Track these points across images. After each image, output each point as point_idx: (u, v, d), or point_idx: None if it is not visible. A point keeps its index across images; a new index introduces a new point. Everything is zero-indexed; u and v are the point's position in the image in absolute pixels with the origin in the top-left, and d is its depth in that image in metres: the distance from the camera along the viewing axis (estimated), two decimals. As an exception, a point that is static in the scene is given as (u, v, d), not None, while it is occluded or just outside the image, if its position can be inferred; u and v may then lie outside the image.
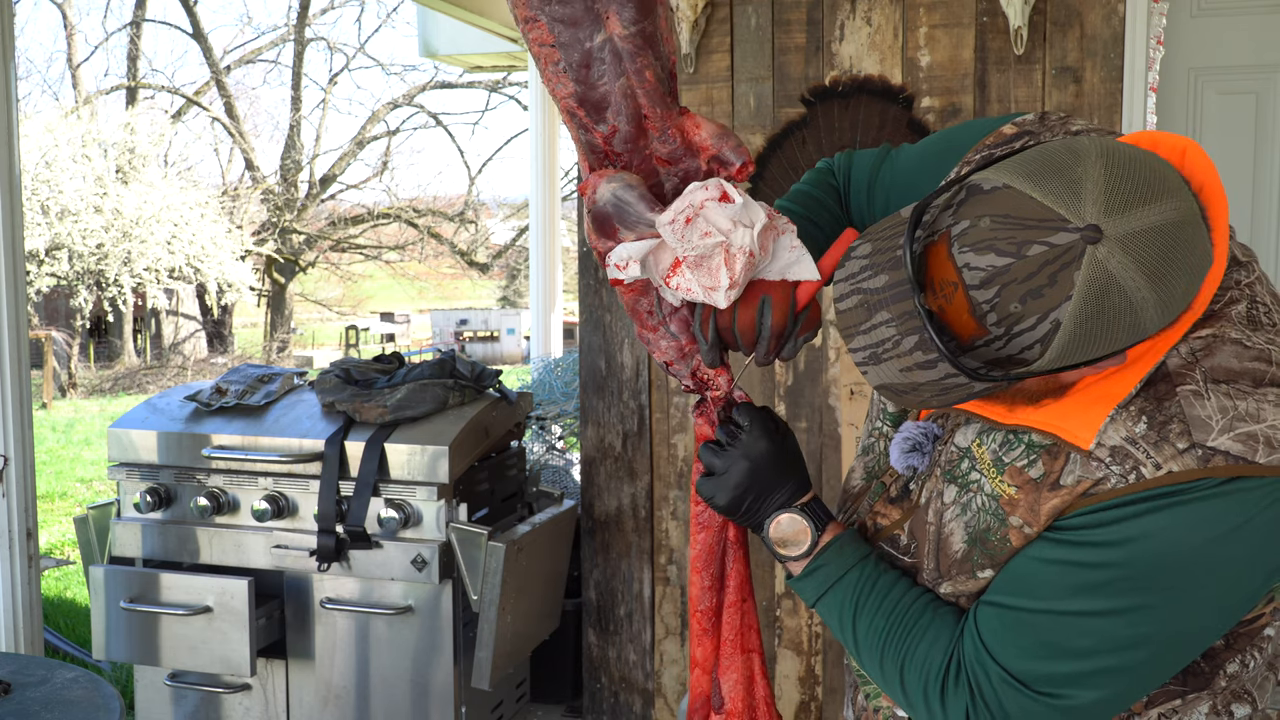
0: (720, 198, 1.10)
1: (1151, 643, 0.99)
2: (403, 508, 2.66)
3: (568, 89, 1.18)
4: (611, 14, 1.14)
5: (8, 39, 2.81)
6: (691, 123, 1.18)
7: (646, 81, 1.15)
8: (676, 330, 1.21)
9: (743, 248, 1.11)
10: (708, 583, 1.30)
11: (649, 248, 1.13)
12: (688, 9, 2.86)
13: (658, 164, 1.18)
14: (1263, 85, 2.98)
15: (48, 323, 16.84)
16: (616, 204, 1.14)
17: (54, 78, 30.17)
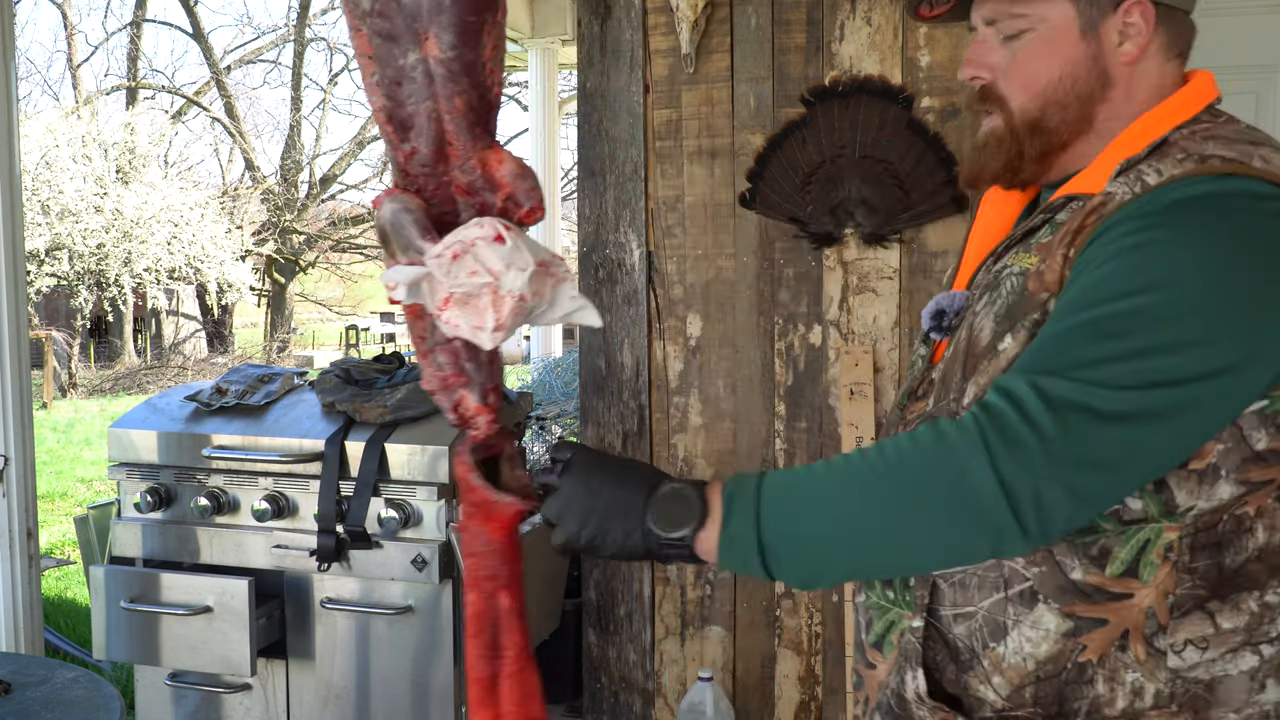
0: (494, 238, 1.08)
1: (1183, 343, 0.94)
2: (403, 508, 2.66)
3: (379, 103, 1.16)
4: (431, 36, 1.12)
5: (8, 39, 2.81)
6: (495, 157, 1.15)
7: (455, 108, 1.13)
8: (444, 362, 1.17)
9: (512, 291, 1.08)
10: (480, 651, 1.17)
11: (419, 275, 1.10)
12: (688, 9, 2.86)
13: (456, 192, 1.16)
14: (1263, 85, 2.98)
15: (48, 323, 16.83)
16: (394, 224, 1.13)
17: (54, 78, 30.18)
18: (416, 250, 1.11)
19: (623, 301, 3.05)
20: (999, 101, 1.16)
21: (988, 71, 1.17)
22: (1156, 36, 1.11)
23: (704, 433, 3.02)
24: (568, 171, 14.27)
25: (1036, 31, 1.12)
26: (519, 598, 1.16)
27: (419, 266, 1.10)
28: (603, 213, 3.06)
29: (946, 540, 0.96)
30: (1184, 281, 0.95)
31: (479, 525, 1.14)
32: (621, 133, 3.02)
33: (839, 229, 2.85)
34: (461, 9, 1.11)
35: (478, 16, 1.12)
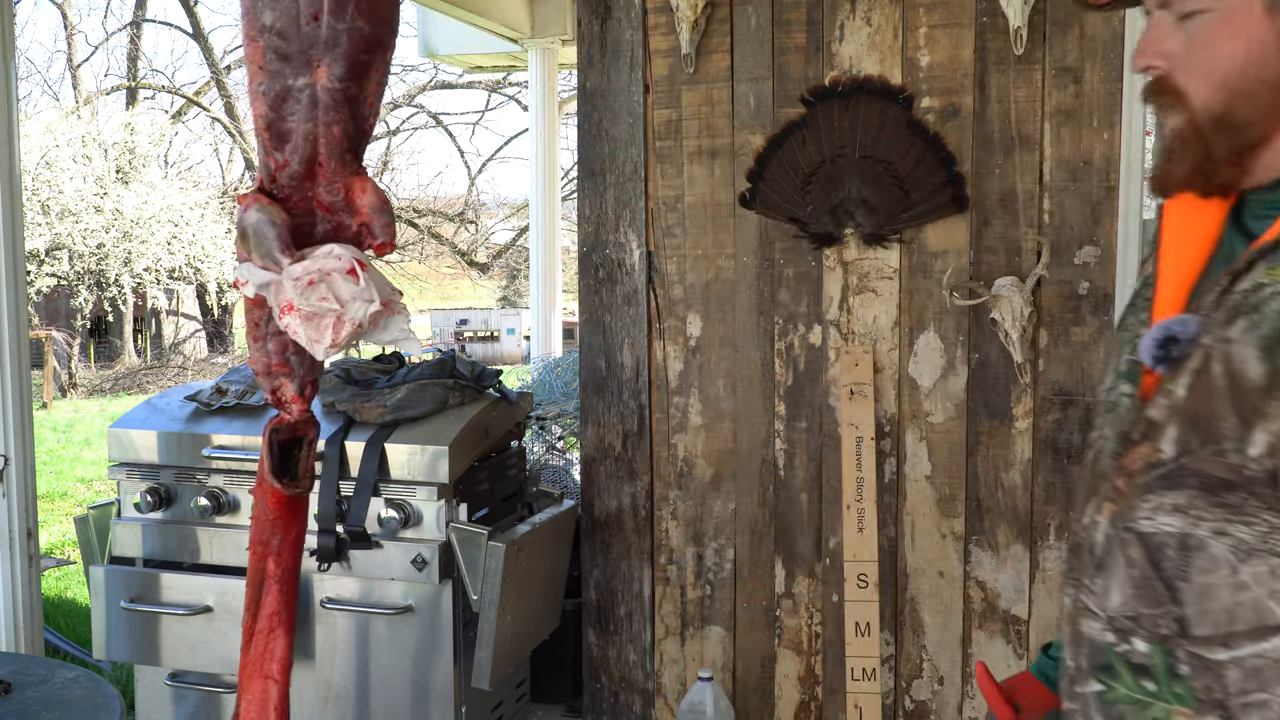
0: (348, 270, 1.21)
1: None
2: (403, 508, 2.66)
3: (261, 111, 1.26)
4: (324, 65, 1.21)
5: (8, 39, 2.81)
6: (360, 185, 1.28)
7: (332, 135, 1.23)
8: (273, 350, 1.33)
9: (354, 320, 1.21)
10: (247, 604, 1.39)
11: (270, 280, 1.24)
12: (688, 9, 2.86)
13: (318, 206, 1.27)
14: (1262, 85, 2.98)
15: (48, 323, 16.84)
16: (256, 232, 1.25)
17: (54, 78, 30.18)
18: (274, 261, 1.24)
19: (623, 301, 3.05)
20: (1177, 95, 1.03)
21: (1162, 60, 1.03)
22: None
23: (704, 433, 3.02)
24: (568, 171, 14.26)
25: (1214, 12, 0.99)
26: (284, 566, 1.34)
27: (271, 273, 1.23)
28: (603, 213, 3.06)
29: None
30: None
31: (261, 494, 1.32)
32: (621, 133, 3.02)
33: (839, 229, 2.85)
34: (356, 46, 1.20)
35: (370, 56, 1.21)
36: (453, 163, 51.39)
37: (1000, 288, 2.71)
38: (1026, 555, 2.79)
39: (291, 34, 1.19)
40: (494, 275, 24.94)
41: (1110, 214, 2.69)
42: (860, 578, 2.82)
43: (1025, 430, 2.77)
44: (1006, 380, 2.77)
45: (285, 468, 1.33)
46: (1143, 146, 2.70)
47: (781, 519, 2.97)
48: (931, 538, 2.86)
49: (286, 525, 1.34)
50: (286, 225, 1.25)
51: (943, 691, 2.88)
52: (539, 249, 5.49)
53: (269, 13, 1.20)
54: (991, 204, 2.76)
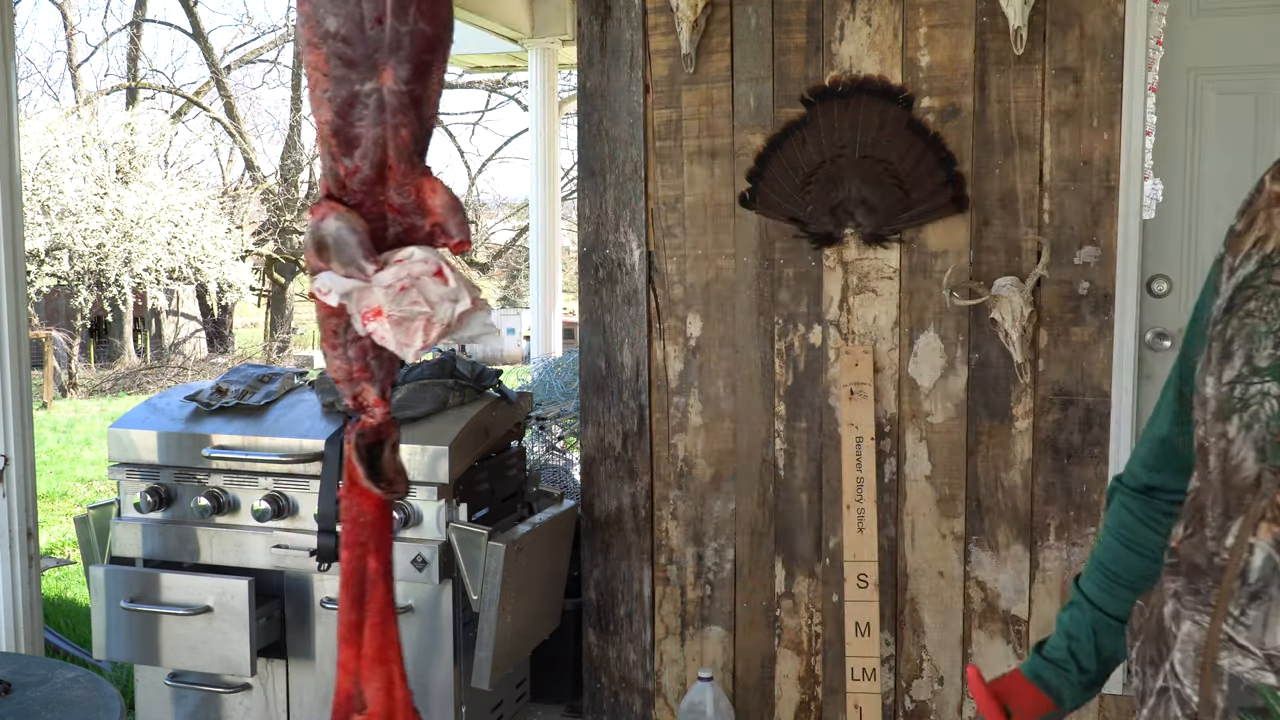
0: (436, 273, 1.25)
1: None
2: (403, 508, 2.66)
3: (327, 118, 1.29)
4: (389, 68, 1.24)
5: (8, 39, 2.81)
6: (430, 185, 1.32)
7: (401, 138, 1.27)
8: (353, 356, 1.36)
9: (443, 320, 1.24)
10: (348, 600, 1.42)
11: (354, 287, 1.28)
12: (688, 9, 2.86)
13: (389, 210, 1.31)
14: (1263, 85, 2.98)
15: (48, 323, 16.83)
16: (337, 240, 1.29)
17: (54, 78, 30.17)
18: (359, 269, 1.27)
19: (623, 301, 3.05)
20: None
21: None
22: None
23: (704, 433, 3.02)
24: (568, 171, 14.26)
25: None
26: (384, 561, 1.40)
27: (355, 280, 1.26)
28: (603, 213, 3.06)
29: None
30: None
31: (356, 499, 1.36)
32: (621, 133, 3.02)
33: (839, 229, 2.85)
34: (420, 48, 1.23)
35: (431, 55, 1.25)
36: (453, 162, 51.46)
37: (1000, 288, 2.71)
38: (1026, 555, 2.79)
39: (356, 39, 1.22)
40: (494, 275, 24.94)
41: (1110, 214, 2.69)
42: (860, 578, 2.82)
43: (1025, 430, 2.77)
44: (1006, 380, 2.77)
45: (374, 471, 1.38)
46: (1143, 146, 2.70)
47: (781, 519, 2.97)
48: (931, 538, 2.86)
49: (383, 525, 1.43)
50: (366, 232, 1.29)
51: (943, 691, 2.88)
52: (539, 249, 5.49)
53: (332, 19, 1.23)
54: (991, 204, 2.76)
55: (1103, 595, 1.22)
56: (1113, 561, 1.22)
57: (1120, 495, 1.23)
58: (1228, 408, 0.94)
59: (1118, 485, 1.24)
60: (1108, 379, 2.72)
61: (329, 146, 1.27)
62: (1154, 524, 1.19)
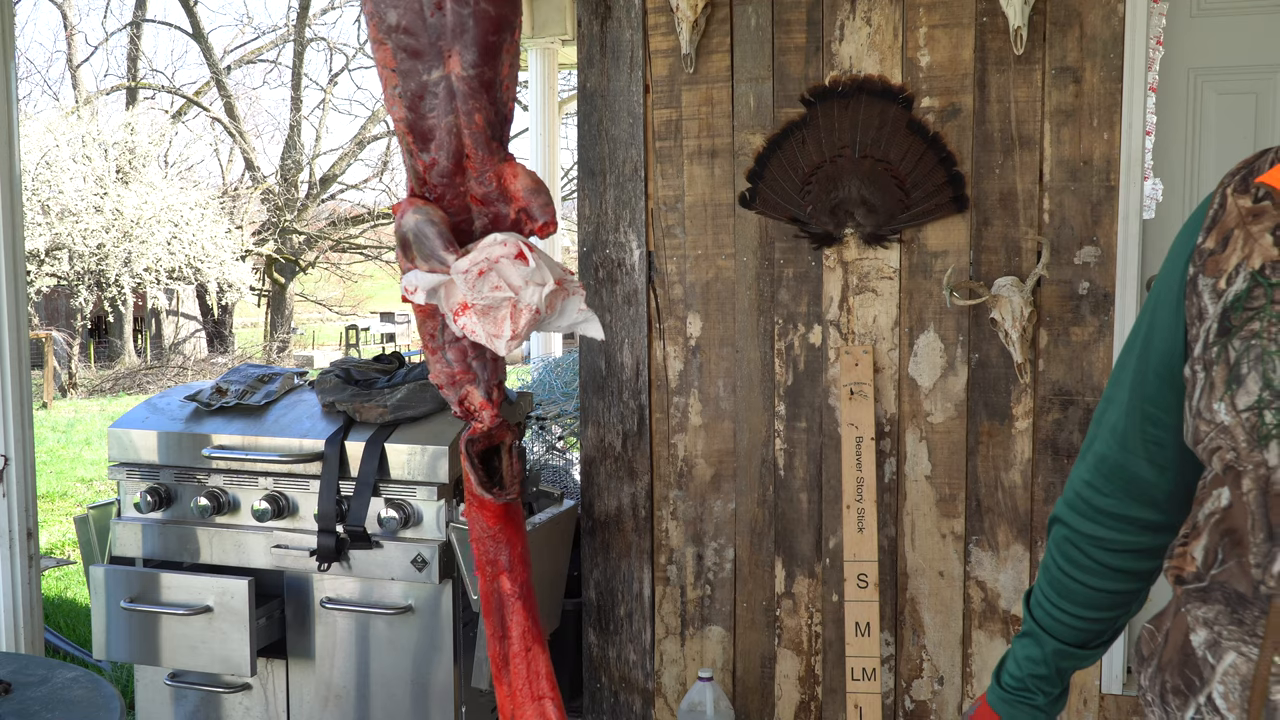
0: (516, 255, 1.16)
1: None
2: (403, 507, 2.66)
3: (400, 114, 1.22)
4: (455, 54, 1.17)
5: (8, 39, 2.81)
6: (510, 170, 1.23)
7: (475, 124, 1.19)
8: (452, 359, 1.26)
9: (530, 305, 1.17)
10: (492, 630, 1.27)
11: (439, 282, 1.19)
12: (688, 9, 2.86)
13: (471, 201, 1.22)
14: (1263, 85, 2.98)
15: (48, 323, 16.83)
16: (417, 235, 1.20)
17: (54, 78, 30.16)
18: (439, 261, 1.18)
19: (623, 301, 3.05)
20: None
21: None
22: None
23: (704, 433, 3.02)
24: (568, 171, 14.25)
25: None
26: (520, 581, 1.23)
27: (439, 274, 1.17)
28: (603, 213, 3.06)
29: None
30: None
31: (477, 513, 1.23)
32: (621, 133, 3.02)
33: (839, 229, 2.85)
34: (484, 29, 1.15)
35: (498, 36, 1.17)
36: (453, 163, 51.15)
37: (1000, 288, 2.71)
38: (1026, 555, 2.79)
39: (418, 29, 1.16)
40: (494, 275, 24.92)
41: (1110, 214, 2.69)
42: (860, 578, 2.82)
43: (1025, 430, 2.77)
44: (1006, 380, 2.77)
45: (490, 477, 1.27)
46: (1143, 146, 2.70)
47: (781, 519, 2.97)
48: (931, 538, 2.86)
49: (511, 538, 1.27)
50: (446, 223, 1.22)
51: (943, 691, 2.88)
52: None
53: (393, 12, 1.18)
54: (991, 204, 2.76)
55: (1058, 625, 1.21)
56: (1065, 593, 1.19)
57: (1062, 526, 1.19)
58: (1263, 434, 0.90)
59: (1059, 517, 1.20)
60: (1107, 379, 2.71)
61: (406, 143, 1.22)
62: (1109, 548, 1.16)
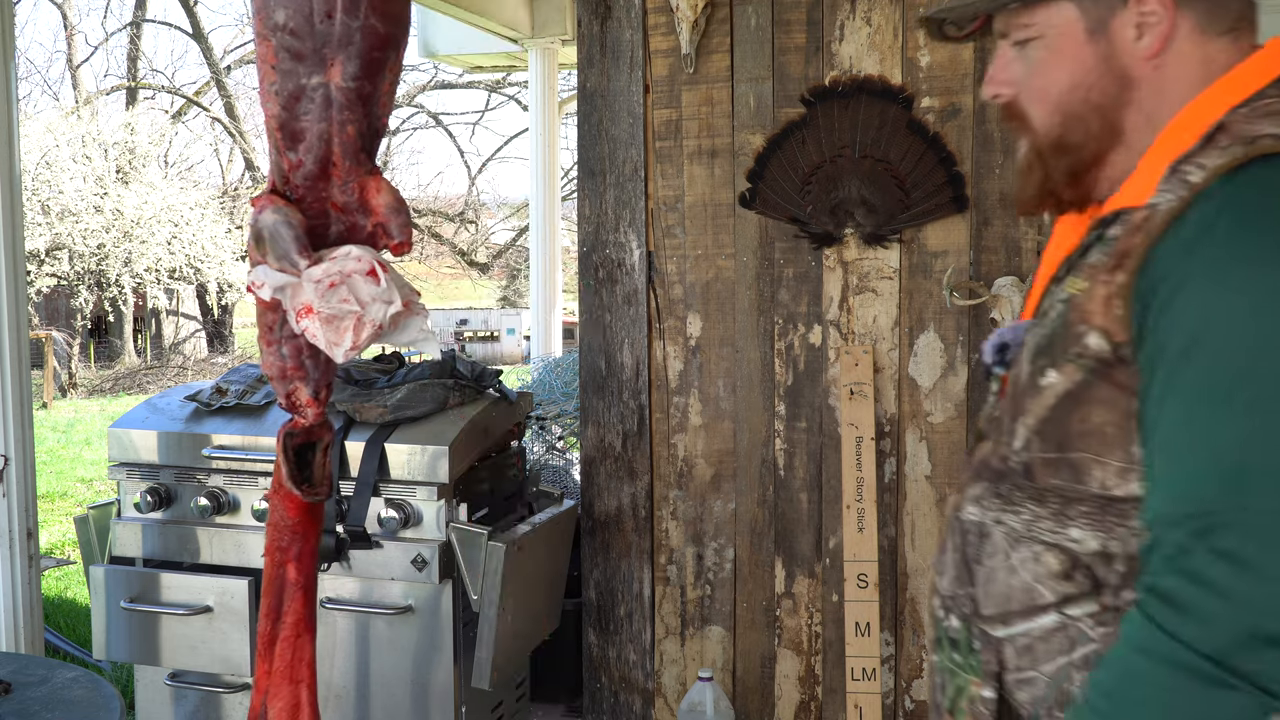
0: (368, 271, 1.21)
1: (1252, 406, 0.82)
2: (403, 507, 2.66)
3: (274, 111, 1.25)
4: (337, 64, 1.20)
5: (8, 39, 2.81)
6: (374, 185, 1.26)
7: (346, 134, 1.22)
8: (287, 354, 1.31)
9: (374, 321, 1.22)
10: (266, 611, 1.34)
11: (286, 282, 1.23)
12: (688, 9, 2.86)
13: (331, 207, 1.26)
14: (1262, 85, 2.98)
15: (48, 323, 16.83)
16: (273, 233, 1.24)
17: (54, 78, 30.16)
18: (291, 263, 1.22)
19: (623, 301, 3.06)
20: (1023, 119, 1.07)
21: (1008, 87, 1.07)
22: (1183, 20, 0.97)
23: (704, 432, 3.02)
24: (568, 171, 14.26)
25: (1044, 39, 1.02)
26: (306, 573, 1.30)
27: (287, 275, 1.21)
28: (603, 213, 3.06)
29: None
30: (1257, 364, 0.83)
31: (279, 501, 1.29)
32: (621, 133, 3.02)
33: (839, 229, 2.85)
34: (370, 44, 1.18)
35: (383, 53, 1.20)
36: (453, 163, 51.33)
37: (1000, 288, 2.71)
38: (1026, 555, 2.79)
39: (305, 32, 1.17)
40: (494, 275, 24.94)
41: (1110, 214, 2.69)
42: (860, 578, 2.82)
43: (1025, 430, 2.76)
44: (1006, 380, 2.77)
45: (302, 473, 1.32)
46: (1143, 146, 2.70)
47: (781, 519, 2.97)
48: (932, 538, 2.86)
49: (306, 532, 1.33)
50: (303, 226, 1.24)
51: (943, 691, 2.88)
52: (539, 249, 5.48)
53: (281, 11, 1.19)
54: (991, 204, 2.76)
55: None
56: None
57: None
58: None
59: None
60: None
61: (275, 140, 1.24)
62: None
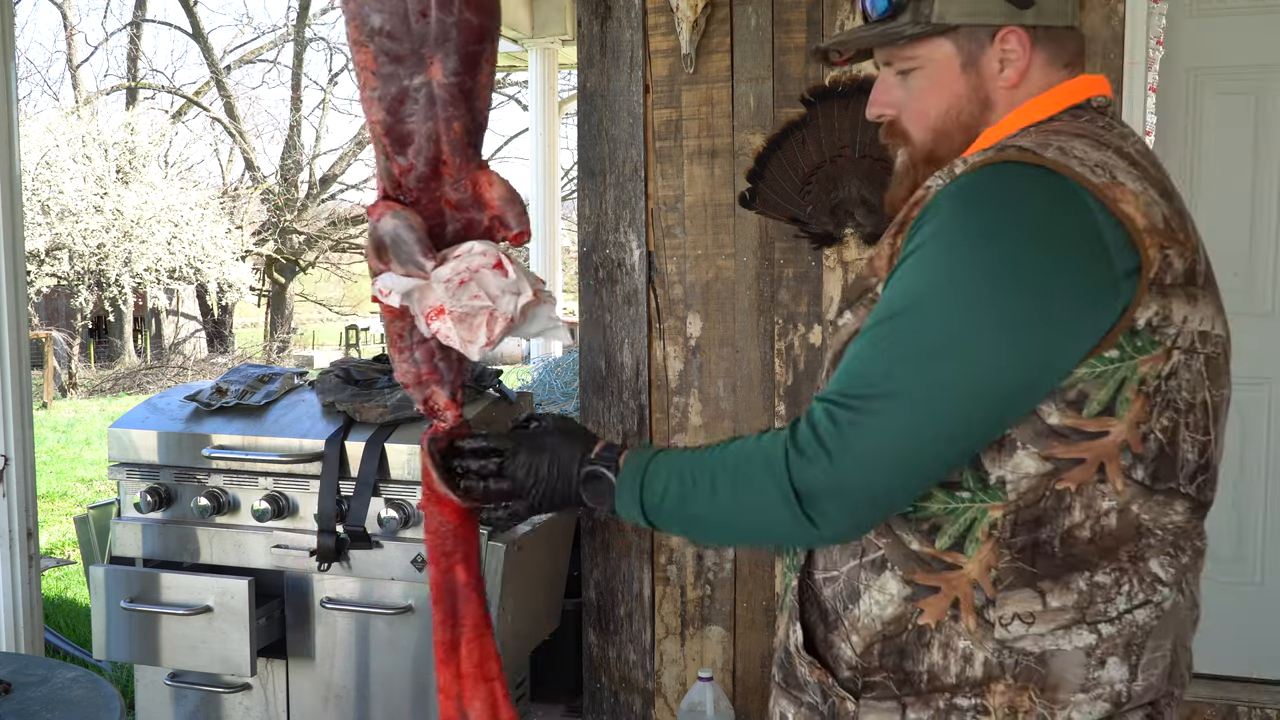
0: (495, 265, 1.20)
1: (937, 349, 1.03)
2: (403, 507, 2.66)
3: (378, 117, 1.24)
4: (437, 61, 1.20)
5: (8, 39, 2.81)
6: (486, 178, 1.26)
7: (454, 131, 1.21)
8: (420, 359, 1.30)
9: (505, 314, 1.22)
10: (441, 617, 1.33)
11: (414, 286, 1.24)
12: (688, 9, 2.86)
13: (446, 206, 1.26)
14: (1262, 85, 2.98)
15: (48, 323, 16.83)
16: (395, 238, 1.24)
17: (54, 78, 30.17)
18: (418, 266, 1.21)
19: (623, 301, 3.06)
20: (904, 136, 1.28)
21: (891, 109, 1.28)
22: (1037, 56, 1.17)
23: (704, 432, 3.02)
24: (568, 171, 14.26)
25: (925, 70, 1.21)
26: (474, 572, 1.29)
27: (415, 279, 1.21)
28: (603, 213, 3.06)
29: (767, 530, 1.12)
30: (939, 289, 1.04)
31: (435, 508, 1.27)
32: (621, 133, 3.02)
33: (839, 229, 2.85)
34: (466, 38, 1.18)
35: (479, 46, 1.20)
36: (453, 162, 51.13)
37: (1000, 288, 2.71)
38: (1026, 555, 2.79)
39: (402, 34, 1.18)
40: (494, 275, 24.91)
41: (1110, 214, 2.69)
42: (860, 578, 2.82)
43: (1025, 430, 2.76)
44: (1006, 380, 2.77)
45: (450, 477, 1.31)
46: (1143, 146, 2.70)
47: (781, 519, 2.97)
48: (931, 538, 2.85)
49: (467, 534, 1.33)
50: (424, 229, 1.25)
51: (943, 691, 2.88)
52: (539, 249, 5.49)
53: (377, 16, 1.20)
54: (991, 204, 2.75)
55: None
56: None
57: None
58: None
59: None
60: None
61: (382, 145, 1.23)
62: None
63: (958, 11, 1.16)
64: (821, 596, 1.19)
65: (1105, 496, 1.05)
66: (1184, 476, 1.08)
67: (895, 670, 1.12)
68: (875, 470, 1.04)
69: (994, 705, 1.08)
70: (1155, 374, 1.04)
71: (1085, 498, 1.05)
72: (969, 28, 1.17)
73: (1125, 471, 1.05)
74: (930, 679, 1.10)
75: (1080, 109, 1.17)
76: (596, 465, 1.19)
